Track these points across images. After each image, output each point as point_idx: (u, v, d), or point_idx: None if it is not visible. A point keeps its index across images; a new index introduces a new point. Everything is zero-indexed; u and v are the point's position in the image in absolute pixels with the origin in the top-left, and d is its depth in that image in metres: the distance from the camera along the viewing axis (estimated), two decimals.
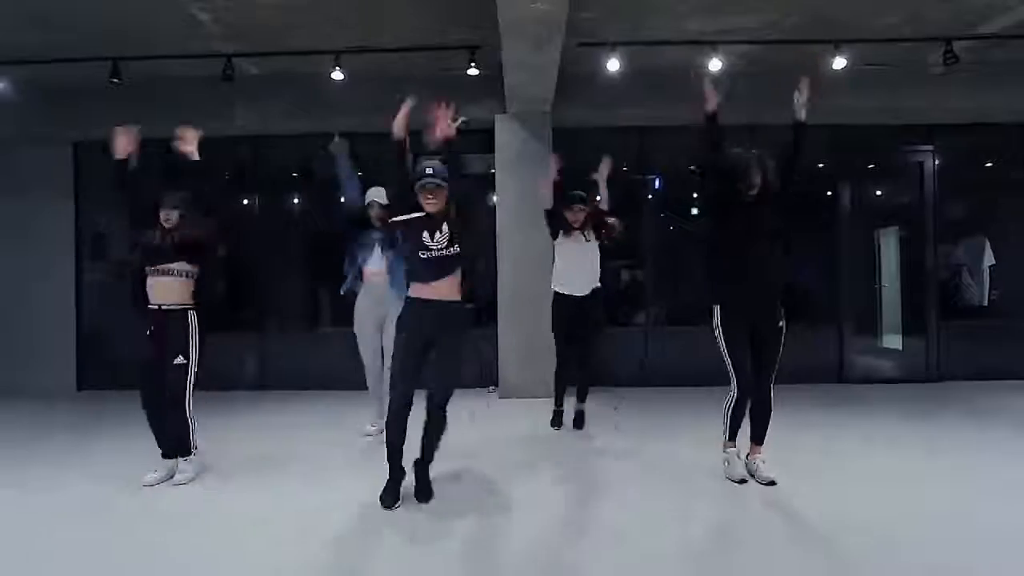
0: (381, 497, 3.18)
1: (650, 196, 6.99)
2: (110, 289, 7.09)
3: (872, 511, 3.03)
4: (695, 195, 7.26)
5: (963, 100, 6.27)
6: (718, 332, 3.51)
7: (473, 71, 5.74)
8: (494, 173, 6.51)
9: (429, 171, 3.20)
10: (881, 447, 4.22)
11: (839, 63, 5.69)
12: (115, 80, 5.75)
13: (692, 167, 7.07)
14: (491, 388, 6.34)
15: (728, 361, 3.48)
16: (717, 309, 3.51)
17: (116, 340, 6.93)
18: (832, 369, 6.71)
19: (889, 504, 3.13)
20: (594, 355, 4.92)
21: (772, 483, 3.40)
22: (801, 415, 4.87)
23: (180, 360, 3.56)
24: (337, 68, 5.75)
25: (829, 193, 6.90)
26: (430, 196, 3.23)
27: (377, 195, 4.62)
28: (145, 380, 3.59)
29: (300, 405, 5.92)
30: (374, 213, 4.58)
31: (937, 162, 6.76)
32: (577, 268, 4.69)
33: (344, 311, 7.06)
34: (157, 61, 5.90)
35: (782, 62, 6.06)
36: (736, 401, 3.49)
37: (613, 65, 5.68)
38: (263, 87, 6.43)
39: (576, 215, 4.65)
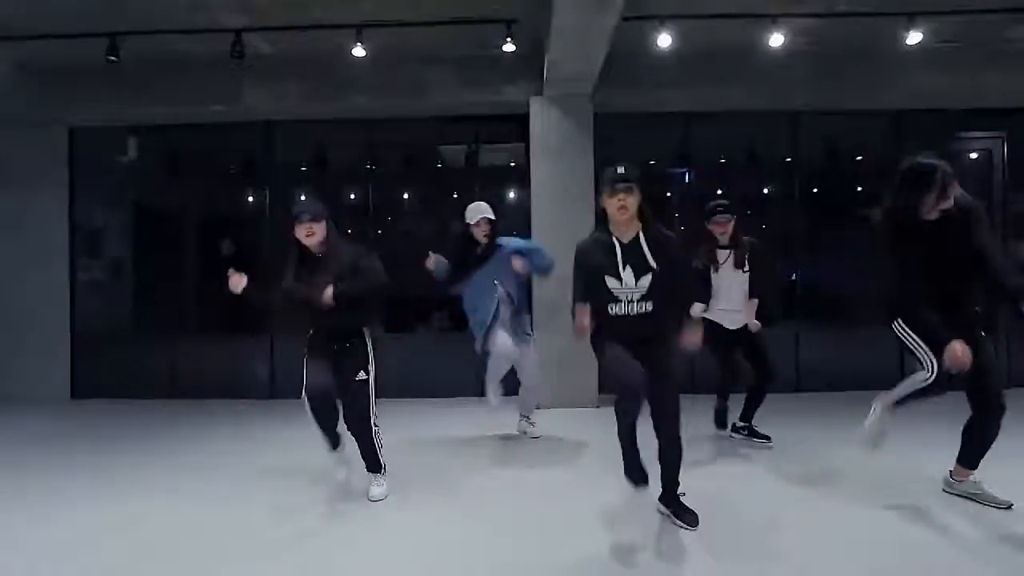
0: None
1: (668, 193, 6.45)
2: (107, 289, 6.57)
3: None
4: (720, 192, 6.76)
5: None
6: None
7: (509, 47, 5.18)
8: (514, 165, 5.98)
9: (621, 169, 2.71)
10: None
11: (914, 38, 5.14)
12: (112, 58, 5.20)
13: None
14: None
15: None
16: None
17: (113, 344, 6.43)
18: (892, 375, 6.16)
19: None
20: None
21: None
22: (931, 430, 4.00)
23: (362, 376, 3.27)
24: (359, 44, 5.19)
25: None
26: (622, 199, 2.68)
27: (482, 210, 4.13)
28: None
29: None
30: (481, 231, 4.11)
31: (1008, 149, 6.22)
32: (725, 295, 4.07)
33: None
34: (159, 37, 5.35)
35: (846, 38, 5.55)
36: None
37: (664, 41, 5.13)
38: (276, 66, 5.83)
39: (723, 226, 4.02)
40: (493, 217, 4.15)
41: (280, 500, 3.29)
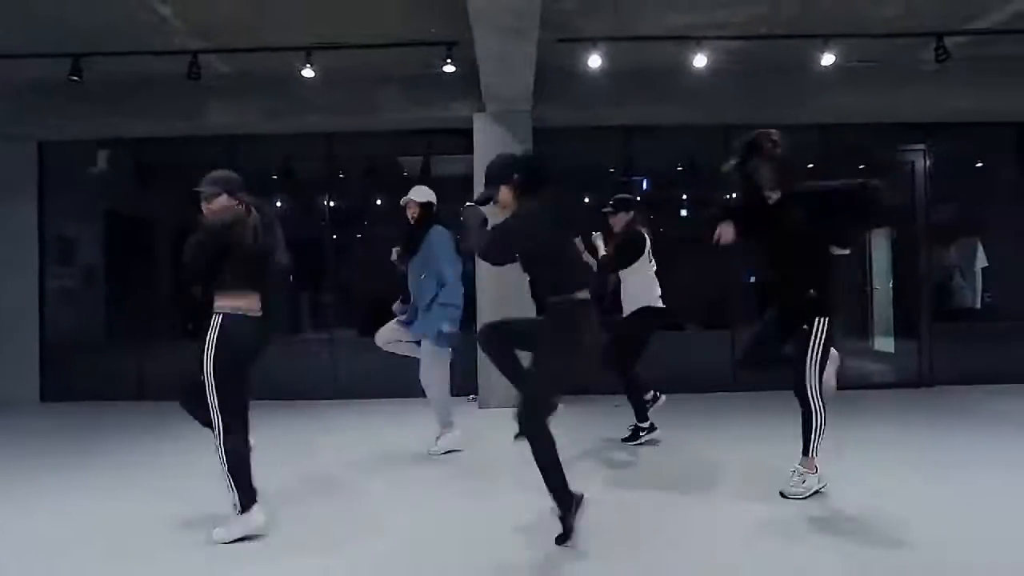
0: None
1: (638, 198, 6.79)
2: (76, 295, 6.86)
3: None
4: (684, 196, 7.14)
5: (957, 99, 6.07)
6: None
7: (450, 68, 5.52)
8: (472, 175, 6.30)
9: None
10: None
11: (828, 59, 5.50)
12: (75, 77, 5.51)
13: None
14: (471, 397, 6.11)
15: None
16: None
17: (83, 349, 6.71)
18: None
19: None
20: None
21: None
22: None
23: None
24: (308, 65, 5.52)
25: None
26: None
27: (412, 192, 4.32)
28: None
29: (279, 418, 5.53)
30: (410, 211, 4.29)
31: (929, 162, 6.59)
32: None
33: (324, 316, 6.89)
34: (124, 58, 5.64)
35: (769, 58, 5.91)
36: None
37: (594, 62, 5.48)
38: (235, 86, 6.16)
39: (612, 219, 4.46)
40: (421, 200, 4.25)
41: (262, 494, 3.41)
